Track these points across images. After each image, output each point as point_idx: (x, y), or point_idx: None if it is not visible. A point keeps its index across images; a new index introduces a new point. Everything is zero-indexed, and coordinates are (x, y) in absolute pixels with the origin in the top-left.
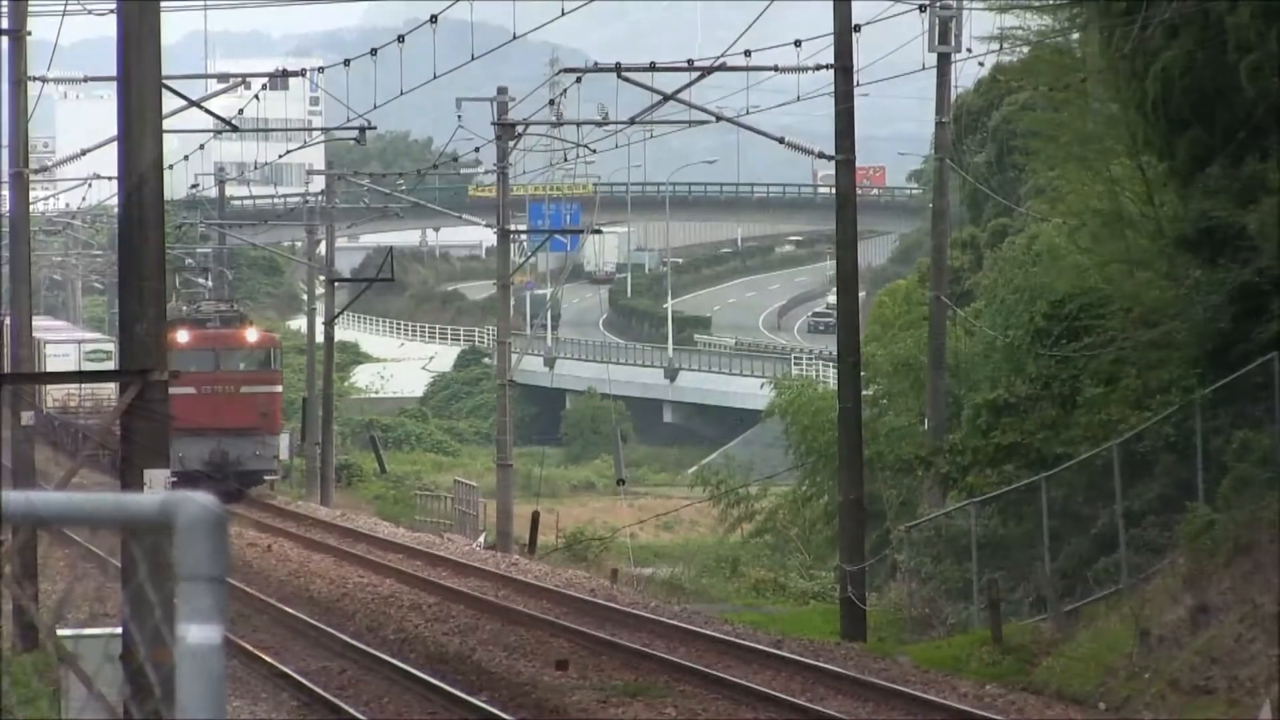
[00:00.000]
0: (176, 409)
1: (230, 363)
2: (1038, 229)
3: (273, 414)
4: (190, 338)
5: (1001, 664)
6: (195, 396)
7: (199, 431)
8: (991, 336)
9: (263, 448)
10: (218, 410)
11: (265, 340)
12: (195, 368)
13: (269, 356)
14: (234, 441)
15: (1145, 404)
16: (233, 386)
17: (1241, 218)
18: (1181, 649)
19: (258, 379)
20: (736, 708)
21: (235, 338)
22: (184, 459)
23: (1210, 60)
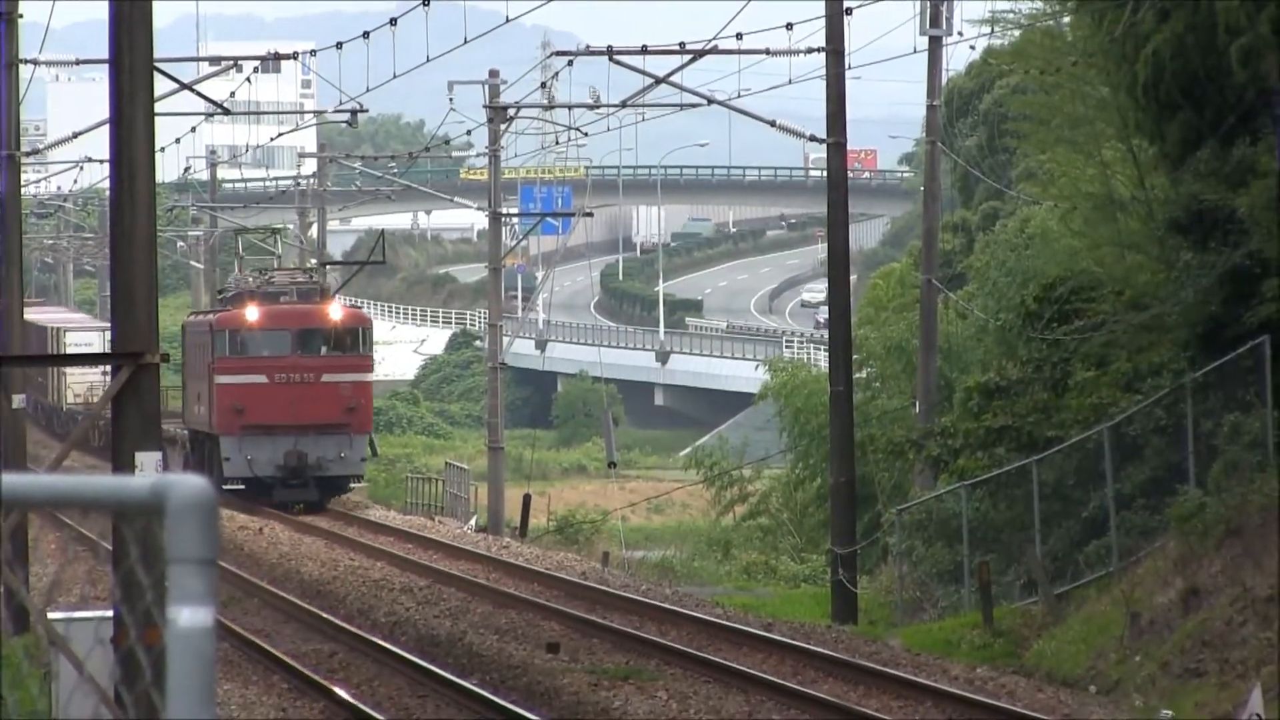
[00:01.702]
0: (245, 401)
1: (310, 345)
2: (1029, 212)
3: (362, 407)
4: (260, 315)
5: (992, 647)
6: (267, 387)
7: (271, 429)
8: (983, 320)
9: (349, 449)
10: (295, 403)
11: (353, 317)
12: (267, 351)
13: (358, 337)
14: (314, 441)
15: (1136, 387)
16: (313, 374)
17: (1232, 201)
18: (1172, 632)
19: (343, 365)
20: (727, 690)
21: (316, 314)
22: (253, 462)
23: (1200, 43)
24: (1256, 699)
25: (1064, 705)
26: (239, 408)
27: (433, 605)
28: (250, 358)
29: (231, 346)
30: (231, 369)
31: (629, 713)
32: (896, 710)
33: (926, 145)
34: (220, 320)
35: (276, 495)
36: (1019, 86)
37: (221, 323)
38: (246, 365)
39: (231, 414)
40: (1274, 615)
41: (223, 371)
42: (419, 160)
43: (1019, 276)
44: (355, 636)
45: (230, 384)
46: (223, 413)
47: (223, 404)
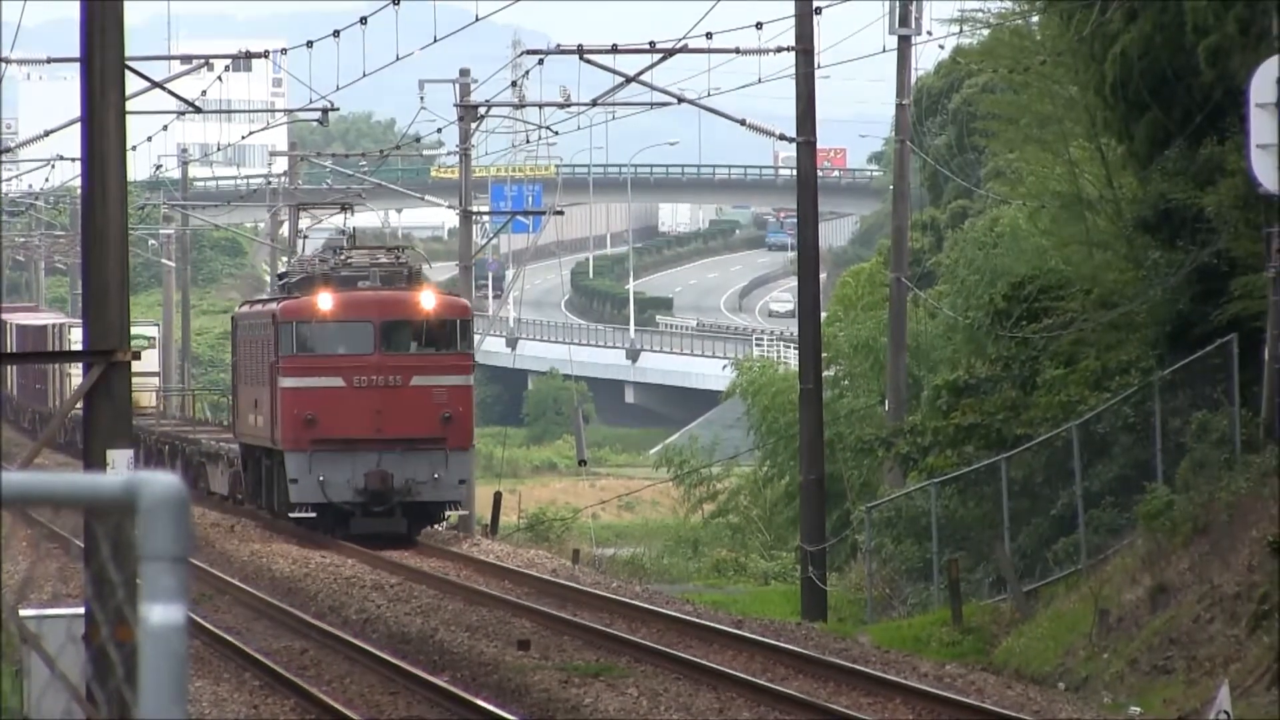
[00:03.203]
0: (316, 410)
1: (397, 341)
2: (998, 211)
3: (461, 418)
4: (335, 304)
5: (961, 644)
6: (344, 392)
7: (349, 444)
8: (952, 318)
9: (444, 468)
10: (378, 412)
11: (450, 306)
12: (344, 348)
13: (456, 331)
14: (402, 459)
15: (1104, 385)
16: (400, 376)
17: (1199, 200)
18: (1140, 629)
19: (438, 365)
20: (697, 687)
21: (404, 303)
22: (326, 484)
23: (1168, 43)
24: (1224, 696)
25: (1033, 702)
26: (309, 418)
27: (404, 602)
28: (323, 356)
29: (300, 342)
30: (300, 370)
31: (600, 710)
32: (866, 707)
33: (895, 144)
34: (285, 310)
35: (354, 526)
36: (988, 85)
37: (287, 313)
38: (318, 365)
39: (300, 425)
40: (1241, 612)
41: (289, 373)
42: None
43: (988, 275)
44: (326, 634)
45: (298, 388)
46: (289, 424)
47: (289, 413)
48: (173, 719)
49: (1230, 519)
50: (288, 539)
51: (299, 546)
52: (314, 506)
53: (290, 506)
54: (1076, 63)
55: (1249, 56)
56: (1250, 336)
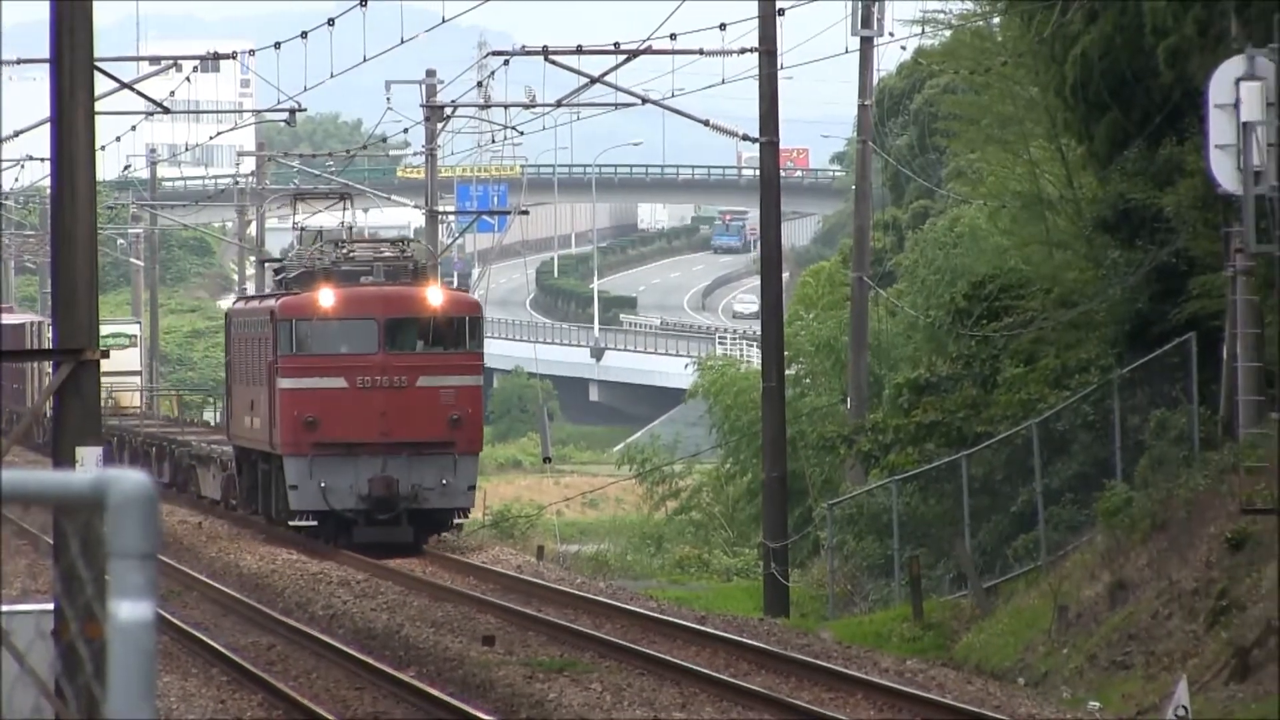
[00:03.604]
0: (317, 412)
1: (403, 339)
2: (959, 211)
3: (470, 420)
4: (337, 300)
5: (922, 639)
6: (347, 393)
7: (353, 448)
8: (913, 317)
9: (453, 474)
10: (383, 414)
11: (458, 303)
12: (346, 347)
13: (464, 328)
14: (408, 464)
15: (1064, 383)
16: (406, 377)
17: (1159, 200)
18: (1099, 625)
19: (446, 365)
20: (661, 682)
21: (410, 299)
22: (328, 491)
23: (1128, 44)
24: (1182, 691)
25: (993, 697)
26: (310, 420)
27: (370, 598)
28: (325, 355)
29: (300, 341)
30: (300, 370)
31: (564, 704)
32: (828, 702)
33: (858, 144)
34: (284, 306)
35: (358, 535)
36: (949, 86)
37: (286, 310)
38: (320, 365)
39: (300, 428)
40: (1200, 608)
41: (288, 373)
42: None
43: (948, 274)
44: (293, 629)
45: (298, 389)
46: (288, 427)
47: (288, 415)
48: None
49: (1188, 516)
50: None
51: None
52: (315, 514)
53: (290, 514)
54: (1037, 64)
55: (1207, 58)
56: (1208, 335)
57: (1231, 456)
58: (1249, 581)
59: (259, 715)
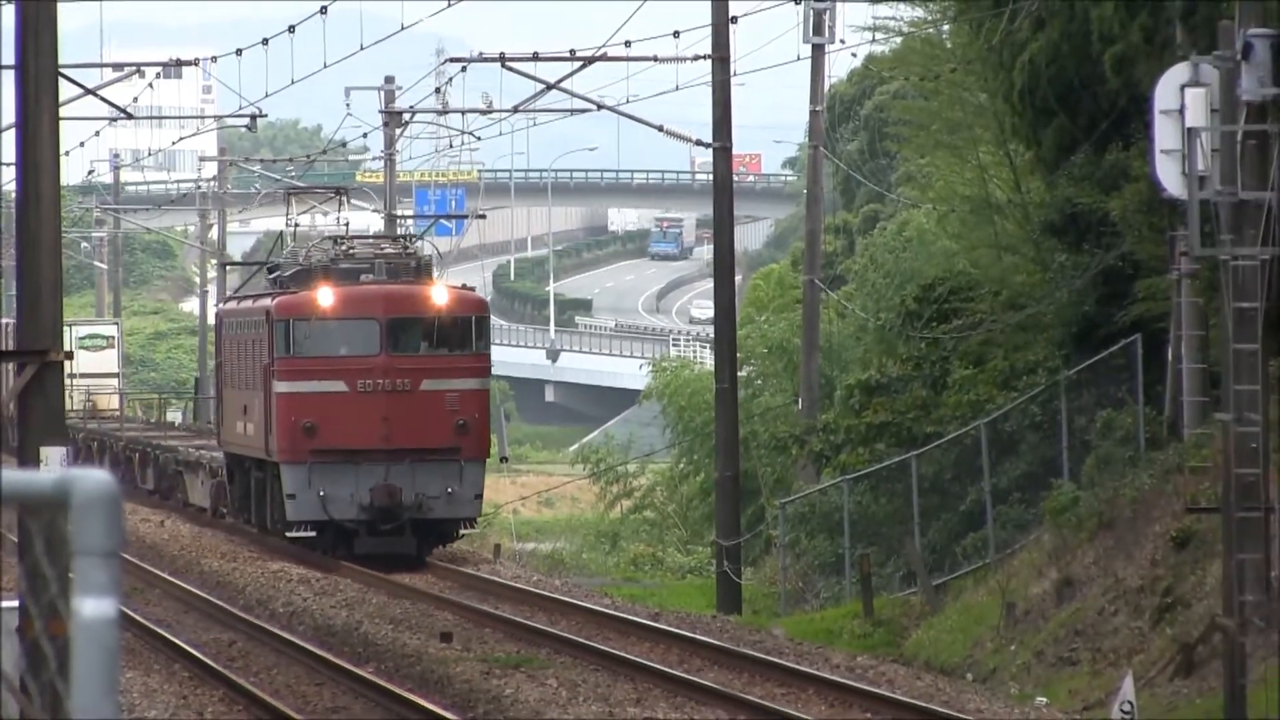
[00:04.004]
0: (316, 417)
1: (406, 340)
2: (908, 215)
3: (477, 425)
4: (337, 299)
5: (873, 636)
6: (347, 397)
7: (353, 455)
8: (863, 319)
9: (459, 482)
10: (385, 419)
11: (464, 302)
12: (346, 349)
13: (470, 329)
14: (412, 472)
15: (1012, 384)
16: (409, 380)
17: (1105, 204)
18: (1046, 621)
19: (452, 367)
20: (615, 678)
21: (413, 298)
22: (327, 500)
23: (1075, 51)
24: (1128, 687)
25: (942, 693)
26: (308, 426)
27: (329, 596)
28: (323, 358)
29: (297, 342)
30: (298, 373)
31: (520, 700)
32: (780, 697)
33: (809, 149)
34: (281, 306)
35: (359, 546)
36: (899, 92)
37: (283, 310)
38: (318, 368)
39: (298, 435)
40: (1145, 605)
41: (285, 376)
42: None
43: (898, 277)
44: (254, 626)
45: (296, 393)
46: (285, 433)
47: (285, 421)
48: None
49: (1134, 514)
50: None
51: (226, 540)
52: (314, 525)
53: (287, 525)
54: (986, 70)
55: (1153, 65)
56: (1154, 337)
57: (1176, 456)
58: (1193, 579)
59: (220, 710)
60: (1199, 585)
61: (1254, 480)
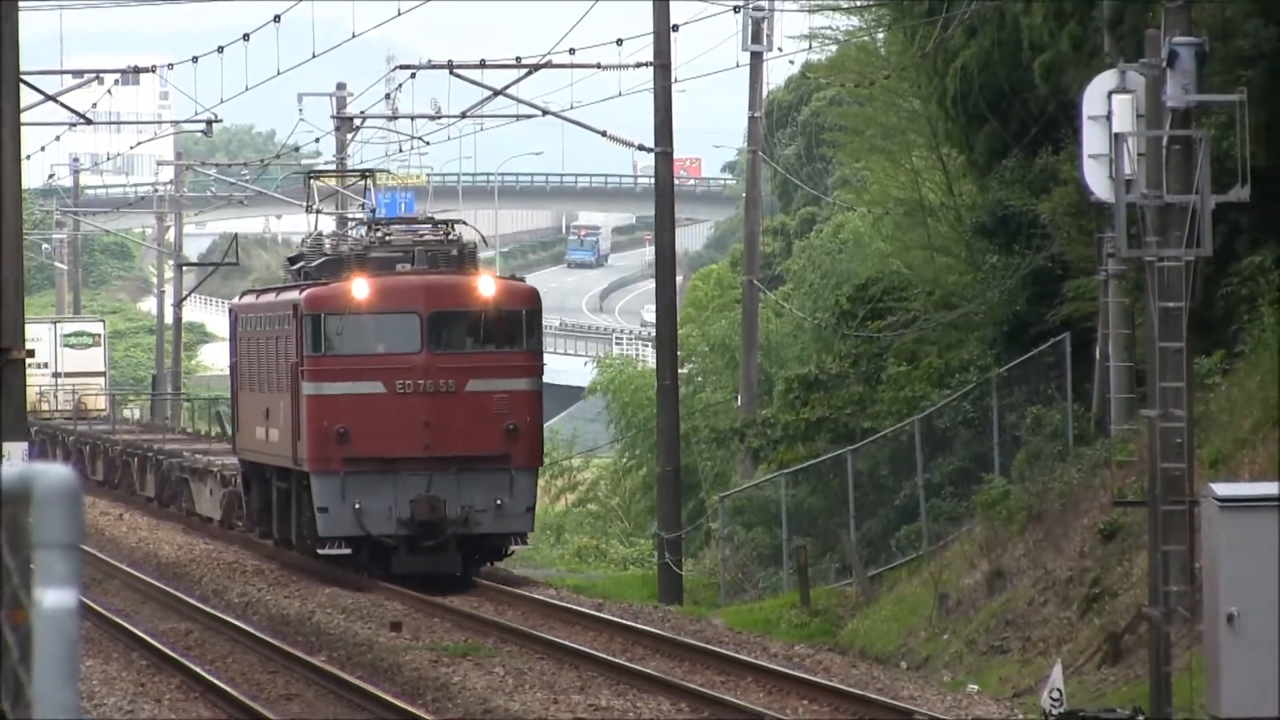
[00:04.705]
0: (350, 422)
1: (450, 336)
2: (844, 217)
3: (528, 430)
4: (373, 291)
5: (809, 626)
6: (385, 400)
7: (392, 464)
8: (800, 318)
9: (508, 494)
10: (427, 424)
11: (513, 293)
12: (383, 346)
13: (521, 324)
14: (456, 482)
15: (945, 382)
16: (454, 380)
17: (1035, 207)
18: (977, 611)
19: (500, 366)
20: (560, 667)
21: (458, 290)
22: (363, 513)
23: (1006, 59)
24: (1057, 675)
25: (876, 681)
26: (341, 432)
27: (283, 587)
28: (359, 356)
29: (329, 339)
30: (329, 373)
31: (468, 687)
32: (719, 685)
33: (748, 154)
34: (311, 299)
35: (397, 565)
36: (835, 99)
37: (313, 303)
38: (353, 368)
39: (329, 441)
40: (1073, 596)
41: (316, 377)
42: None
43: (834, 278)
44: (210, 616)
45: (328, 396)
46: (316, 439)
47: (316, 426)
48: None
49: (1063, 508)
50: (173, 526)
51: (183, 533)
52: (348, 541)
53: (318, 541)
54: (919, 77)
55: (1081, 72)
56: (1082, 336)
57: (1103, 451)
58: (1120, 570)
59: (177, 698)
60: (1125, 576)
61: (1178, 474)
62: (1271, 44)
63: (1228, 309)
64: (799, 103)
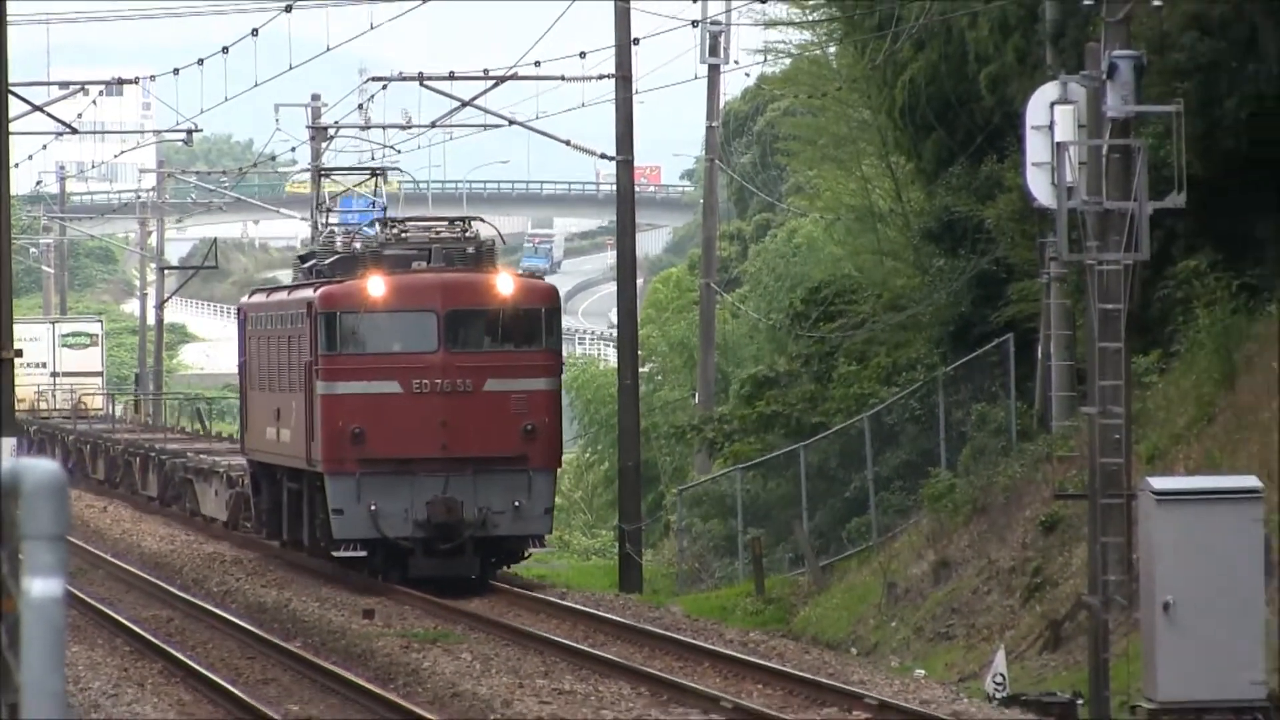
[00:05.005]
0: (366, 422)
1: (468, 335)
2: (797, 223)
3: (547, 431)
4: (389, 289)
5: (764, 613)
6: (401, 399)
7: (408, 465)
8: (756, 319)
9: (526, 495)
10: (444, 424)
11: (532, 291)
12: (400, 345)
13: (540, 322)
14: (473, 484)
15: (893, 380)
16: (471, 380)
17: (980, 213)
18: (924, 600)
19: (519, 365)
20: (525, 652)
21: (476, 288)
22: (378, 515)
23: (953, 71)
24: (1000, 660)
25: (828, 665)
26: (357, 432)
27: (260, 576)
28: (375, 355)
29: (345, 338)
30: (345, 372)
31: (437, 672)
32: (678, 670)
33: (705, 162)
34: (326, 297)
35: (414, 568)
36: (789, 109)
37: (328, 301)
38: (369, 367)
39: (344, 442)
40: (1016, 585)
41: (330, 376)
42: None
43: (788, 281)
44: (190, 604)
45: (343, 396)
46: (331, 440)
47: (331, 426)
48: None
49: (1006, 500)
50: (155, 518)
51: (164, 524)
52: (364, 544)
53: (333, 544)
54: (869, 89)
55: (1025, 83)
56: (1025, 336)
57: (1045, 447)
58: (1060, 560)
59: (159, 682)
60: (1065, 566)
61: (1117, 469)
62: (1207, 57)
63: (1164, 311)
64: (754, 113)
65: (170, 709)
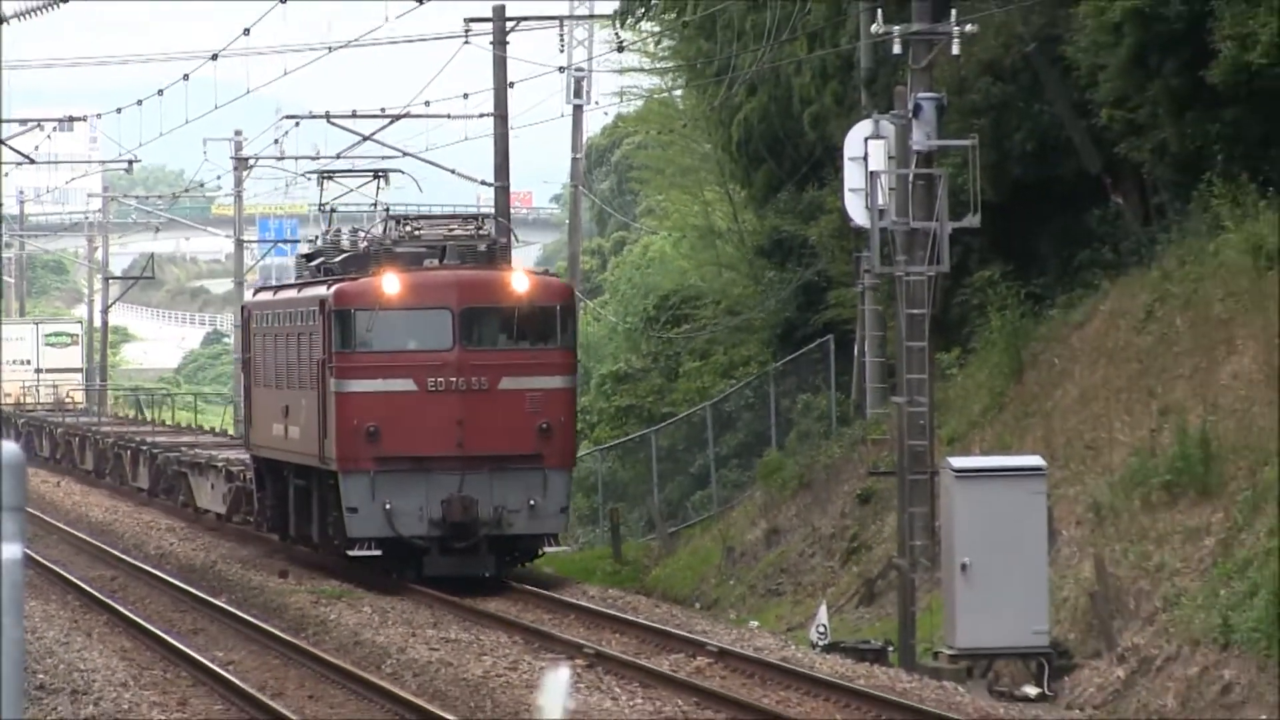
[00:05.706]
0: (380, 420)
1: (483, 333)
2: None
3: (562, 429)
4: (404, 287)
5: (621, 573)
6: (416, 398)
7: (423, 463)
8: (614, 323)
9: (542, 494)
10: (459, 423)
11: (547, 289)
12: (414, 343)
13: (555, 320)
14: (489, 482)
15: (731, 374)
16: (487, 378)
17: (805, 231)
18: (758, 561)
19: (534, 363)
20: (417, 607)
21: (491, 285)
22: (393, 514)
23: (781, 112)
24: (823, 613)
25: (675, 618)
26: (371, 430)
27: (190, 541)
28: (389, 353)
29: (359, 335)
30: (359, 370)
31: (341, 624)
32: (547, 621)
33: (571, 188)
34: (340, 295)
35: (429, 567)
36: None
37: (342, 298)
38: (383, 365)
39: (359, 440)
40: (836, 549)
41: (345, 374)
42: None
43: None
44: (131, 565)
45: (357, 394)
46: (345, 438)
47: (346, 425)
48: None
49: (828, 477)
50: (101, 491)
51: (109, 497)
52: (379, 542)
53: (348, 542)
54: (710, 126)
55: (843, 121)
56: (843, 337)
57: (861, 431)
58: (874, 528)
59: (104, 631)
60: (878, 533)
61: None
62: (999, 98)
63: (962, 314)
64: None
65: (114, 655)
